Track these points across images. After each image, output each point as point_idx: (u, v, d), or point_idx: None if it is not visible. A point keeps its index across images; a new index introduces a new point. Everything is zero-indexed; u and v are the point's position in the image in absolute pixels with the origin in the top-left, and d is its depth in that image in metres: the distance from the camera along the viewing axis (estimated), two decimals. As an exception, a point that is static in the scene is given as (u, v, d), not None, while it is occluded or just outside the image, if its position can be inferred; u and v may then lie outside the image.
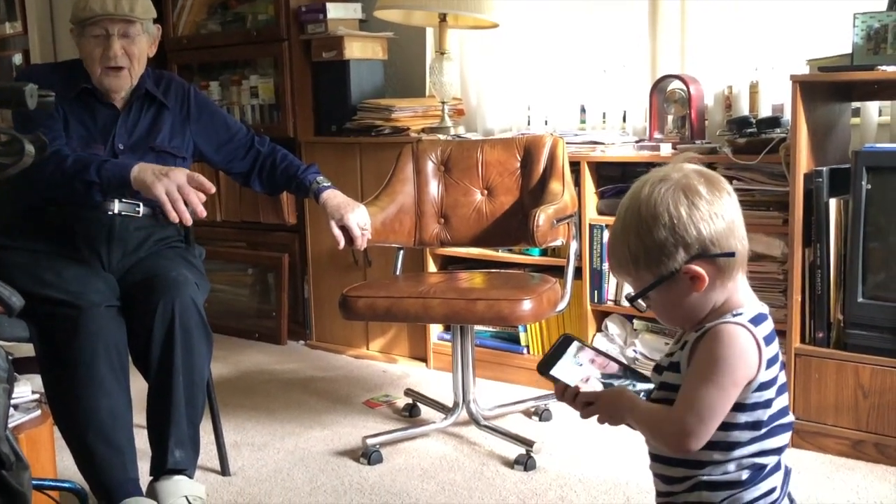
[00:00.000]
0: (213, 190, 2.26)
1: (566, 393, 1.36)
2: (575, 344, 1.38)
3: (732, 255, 1.29)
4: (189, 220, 2.22)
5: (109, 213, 2.47)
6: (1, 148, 1.53)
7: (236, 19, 4.20)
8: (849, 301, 2.59)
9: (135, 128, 2.53)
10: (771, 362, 1.28)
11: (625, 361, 1.42)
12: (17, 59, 5.62)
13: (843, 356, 2.61)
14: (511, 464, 2.67)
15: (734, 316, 1.29)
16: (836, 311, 2.64)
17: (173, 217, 2.22)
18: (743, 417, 1.28)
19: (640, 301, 1.34)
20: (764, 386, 1.28)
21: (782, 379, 1.32)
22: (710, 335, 1.28)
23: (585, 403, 1.35)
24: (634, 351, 3.14)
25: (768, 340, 1.29)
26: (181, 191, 2.22)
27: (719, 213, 1.28)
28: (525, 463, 2.64)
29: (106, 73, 2.44)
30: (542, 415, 3.04)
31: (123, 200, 2.48)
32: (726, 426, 1.28)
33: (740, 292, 1.32)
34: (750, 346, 1.26)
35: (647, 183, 1.31)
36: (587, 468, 2.64)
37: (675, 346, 1.37)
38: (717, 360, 1.25)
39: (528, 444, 2.69)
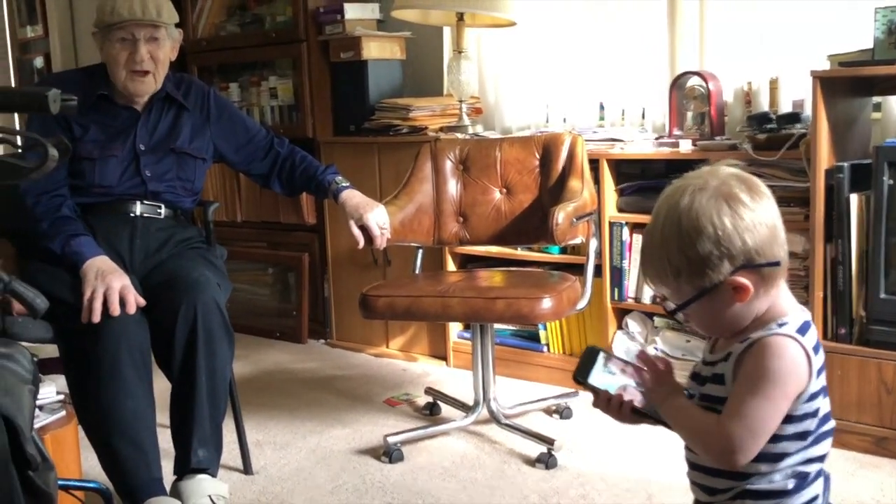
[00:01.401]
0: (133, 310, 2.26)
1: (611, 403, 1.33)
2: (602, 354, 1.36)
3: (777, 264, 1.25)
4: (96, 319, 2.21)
5: (131, 214, 2.49)
6: (24, 152, 1.55)
7: (255, 21, 4.22)
8: (871, 297, 2.57)
9: (155, 129, 2.55)
10: (820, 371, 1.26)
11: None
12: (39, 62, 5.67)
13: (866, 352, 2.59)
14: (532, 462, 2.67)
15: (780, 326, 1.25)
16: (858, 307, 2.62)
17: (84, 315, 2.22)
18: (791, 429, 1.25)
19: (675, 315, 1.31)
20: (814, 396, 1.25)
21: (825, 383, 1.29)
22: (758, 347, 1.24)
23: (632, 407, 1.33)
24: (655, 348, 3.13)
25: (816, 349, 1.25)
26: (107, 292, 2.24)
27: (762, 221, 1.24)
28: (546, 461, 2.64)
29: (131, 78, 2.46)
30: (563, 413, 3.04)
31: (145, 202, 2.50)
32: (774, 438, 1.25)
33: (782, 299, 1.29)
34: (800, 358, 1.23)
35: (685, 191, 1.25)
36: (609, 466, 2.63)
37: (715, 355, 1.33)
38: (768, 372, 1.22)
39: (549, 442, 2.69)
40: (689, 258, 1.24)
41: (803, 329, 1.26)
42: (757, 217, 1.24)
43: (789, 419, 1.25)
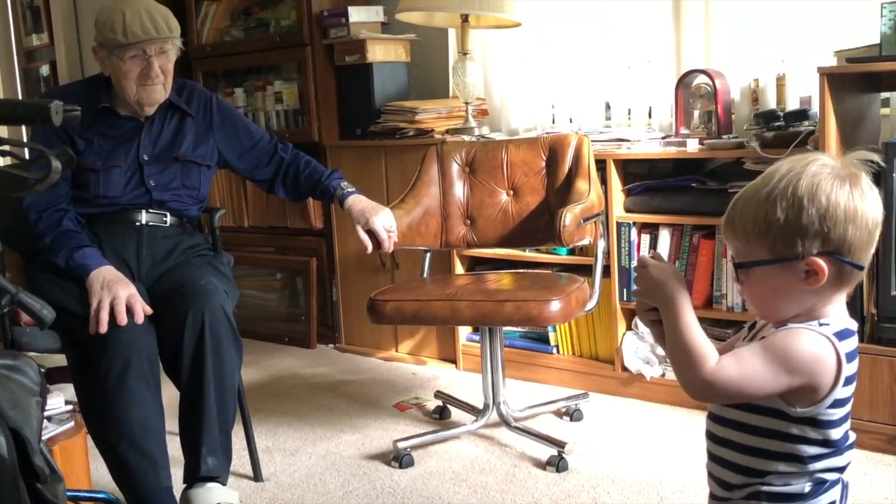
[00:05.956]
0: (141, 320, 2.27)
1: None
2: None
3: (862, 268, 1.24)
4: (103, 329, 2.22)
5: (137, 223, 2.49)
6: (28, 164, 1.55)
7: (259, 25, 4.21)
8: (882, 295, 2.55)
9: (159, 138, 2.54)
10: (849, 380, 1.23)
11: None
12: (45, 70, 5.68)
13: (877, 350, 2.57)
14: (543, 465, 2.66)
15: (820, 326, 1.23)
16: (869, 304, 2.60)
17: (92, 326, 2.23)
18: (813, 433, 1.24)
19: (739, 271, 1.29)
20: (839, 403, 1.23)
21: (851, 395, 1.27)
22: (790, 329, 1.23)
23: (642, 265, 1.31)
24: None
25: (850, 357, 1.23)
26: (114, 301, 2.24)
27: (868, 221, 1.23)
28: (557, 464, 2.62)
29: (143, 89, 2.45)
30: (573, 415, 3.03)
31: (150, 210, 2.50)
32: (795, 439, 1.24)
33: (835, 303, 1.27)
34: (827, 357, 1.21)
35: (816, 161, 1.24)
36: (620, 468, 2.62)
37: (746, 342, 1.32)
38: (786, 350, 1.20)
39: (559, 444, 2.68)
40: (787, 220, 1.22)
41: (843, 335, 1.24)
42: (867, 212, 1.22)
43: (812, 423, 1.23)
